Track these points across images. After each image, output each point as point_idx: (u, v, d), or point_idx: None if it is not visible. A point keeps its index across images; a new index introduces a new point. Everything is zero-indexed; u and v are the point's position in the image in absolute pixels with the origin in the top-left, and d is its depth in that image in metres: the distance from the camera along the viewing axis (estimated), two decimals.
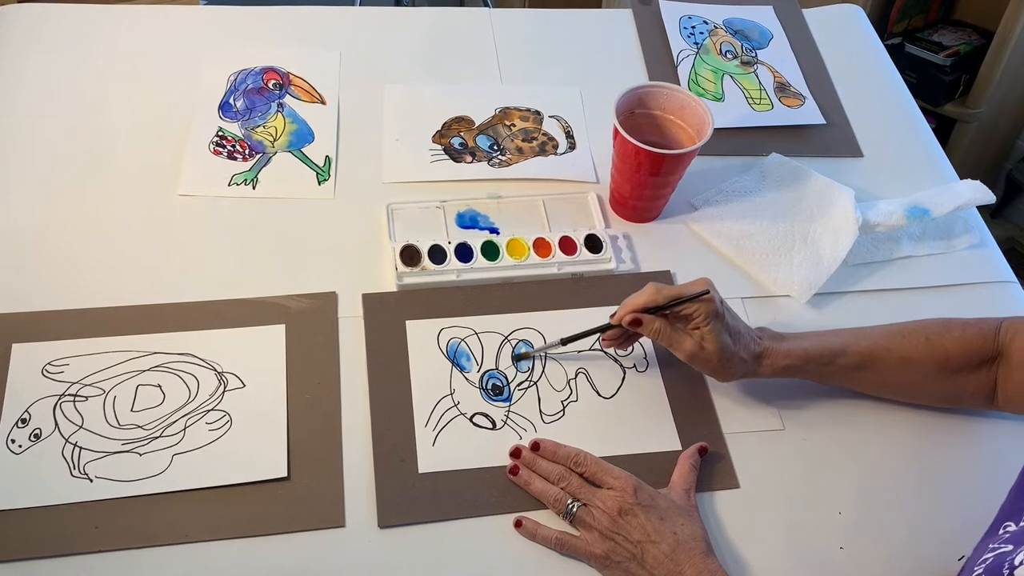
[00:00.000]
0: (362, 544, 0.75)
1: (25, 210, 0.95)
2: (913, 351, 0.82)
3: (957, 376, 0.82)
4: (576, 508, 0.76)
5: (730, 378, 0.82)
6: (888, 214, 0.99)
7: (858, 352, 0.82)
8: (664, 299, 0.79)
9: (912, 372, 0.82)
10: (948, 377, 0.82)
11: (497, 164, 1.05)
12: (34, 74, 1.08)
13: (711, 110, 0.94)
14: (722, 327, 0.79)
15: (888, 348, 0.82)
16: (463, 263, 0.92)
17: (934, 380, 0.82)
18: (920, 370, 0.82)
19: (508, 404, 0.85)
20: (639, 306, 0.80)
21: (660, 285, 0.80)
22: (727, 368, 0.80)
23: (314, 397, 0.83)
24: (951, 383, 0.82)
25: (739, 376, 0.82)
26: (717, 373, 0.81)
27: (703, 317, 0.78)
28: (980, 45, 2.06)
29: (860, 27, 1.29)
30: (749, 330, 0.82)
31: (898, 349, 0.82)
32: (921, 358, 0.81)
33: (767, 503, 0.80)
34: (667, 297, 0.79)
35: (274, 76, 1.11)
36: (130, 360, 0.84)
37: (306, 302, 0.89)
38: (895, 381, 0.84)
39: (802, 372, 0.83)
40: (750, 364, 0.81)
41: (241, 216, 0.97)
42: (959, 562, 0.78)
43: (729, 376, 0.82)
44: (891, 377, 0.83)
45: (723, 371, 0.81)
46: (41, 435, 0.78)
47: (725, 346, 0.79)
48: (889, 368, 0.82)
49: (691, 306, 0.79)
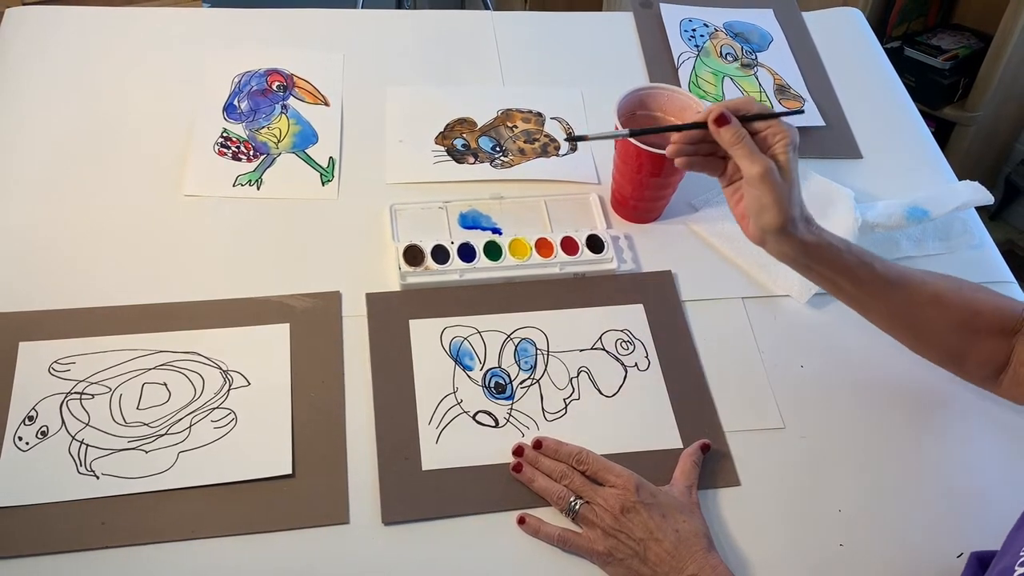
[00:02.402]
0: (366, 541, 0.76)
1: (33, 210, 0.96)
2: (947, 293, 0.79)
3: (976, 336, 0.79)
4: (579, 506, 0.76)
5: (784, 223, 0.74)
6: (887, 215, 0.99)
7: (896, 268, 0.80)
8: (757, 109, 0.76)
9: (938, 312, 0.79)
10: (968, 334, 0.80)
11: (499, 165, 1.06)
12: (39, 76, 1.09)
13: None
14: (796, 163, 0.75)
15: (924, 281, 0.80)
16: (466, 263, 0.93)
17: (954, 331, 0.80)
18: (945, 314, 0.79)
19: (511, 402, 0.85)
20: (730, 107, 0.76)
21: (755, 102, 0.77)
22: (788, 204, 0.74)
23: (318, 395, 0.84)
24: (967, 341, 0.80)
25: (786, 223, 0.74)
26: (778, 207, 0.74)
27: (786, 143, 0.75)
28: (979, 49, 2.07)
29: (859, 30, 1.30)
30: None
31: (934, 285, 0.80)
32: (952, 302, 0.79)
33: (767, 500, 0.81)
34: (761, 108, 0.76)
35: (278, 78, 1.12)
36: (136, 358, 0.84)
37: (310, 301, 0.90)
38: (918, 315, 0.80)
39: (839, 261, 0.77)
40: (800, 220, 0.75)
41: (245, 216, 0.98)
42: (958, 559, 0.78)
43: (785, 218, 0.74)
44: (917, 309, 0.80)
45: (785, 207, 0.74)
46: (48, 432, 0.79)
47: (795, 180, 0.75)
48: (919, 298, 0.79)
49: (778, 128, 0.75)
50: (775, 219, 0.74)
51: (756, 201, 0.75)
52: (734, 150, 0.75)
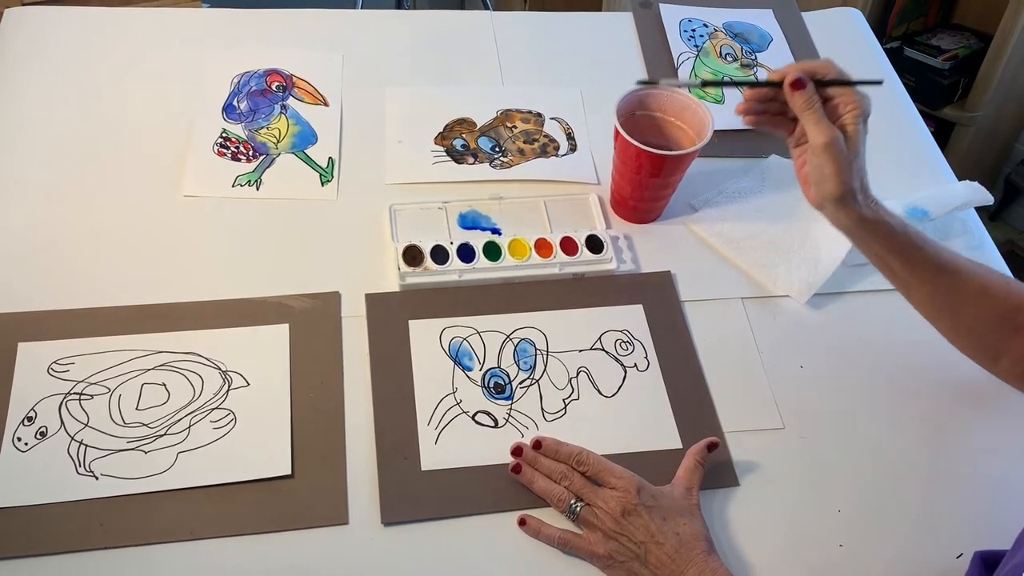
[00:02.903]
0: (365, 541, 0.76)
1: (31, 211, 0.96)
2: (994, 287, 0.78)
3: (1016, 333, 0.77)
4: (579, 508, 0.76)
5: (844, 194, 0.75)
6: None
7: (948, 256, 0.78)
8: (836, 73, 0.77)
9: (982, 305, 0.78)
10: (1008, 331, 0.78)
11: (499, 165, 1.06)
12: (38, 76, 1.09)
13: (711, 112, 0.94)
14: (864, 134, 0.76)
15: (975, 272, 0.78)
16: (465, 263, 0.93)
17: (995, 326, 0.78)
18: (990, 308, 0.78)
19: (510, 402, 0.85)
20: (808, 70, 0.77)
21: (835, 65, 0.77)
22: (849, 176, 0.75)
23: (317, 396, 0.84)
24: (1007, 337, 0.78)
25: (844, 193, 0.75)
26: (839, 178, 0.75)
27: (857, 113, 0.75)
28: (979, 49, 2.07)
29: (859, 30, 1.30)
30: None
31: (983, 278, 0.78)
32: (998, 297, 0.78)
33: (767, 501, 0.81)
34: (839, 72, 0.77)
35: (277, 78, 1.12)
36: (135, 359, 0.84)
37: (309, 302, 0.90)
38: (962, 306, 0.79)
39: (892, 240, 0.77)
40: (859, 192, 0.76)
41: (245, 217, 0.98)
42: (958, 559, 0.78)
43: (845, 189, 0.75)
44: (961, 299, 0.79)
45: (845, 179, 0.75)
46: (47, 433, 0.79)
47: (860, 152, 0.75)
48: (966, 289, 0.78)
49: (850, 97, 0.76)
50: (835, 189, 0.75)
51: (818, 170, 0.76)
52: (804, 115, 0.76)
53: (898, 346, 0.93)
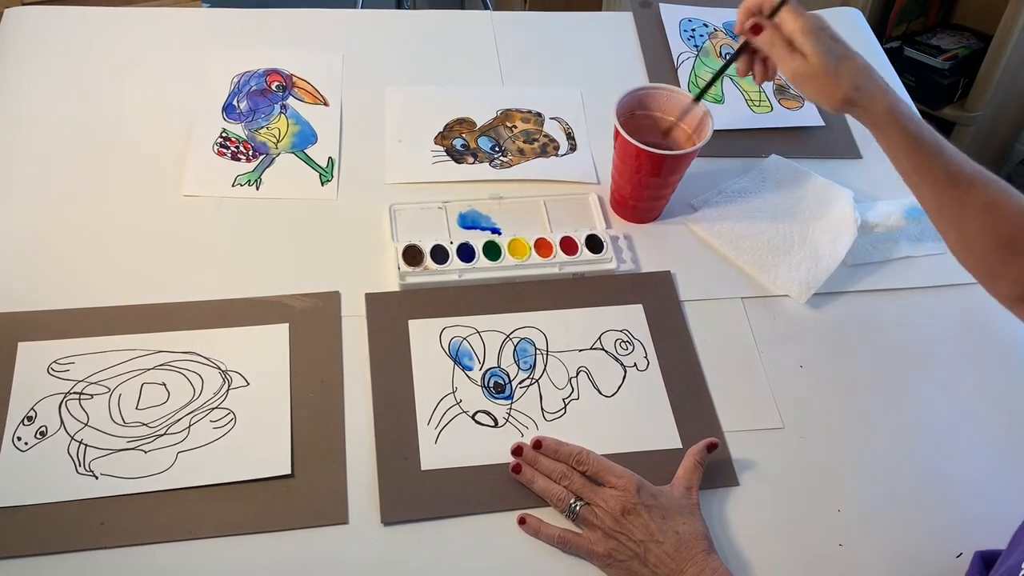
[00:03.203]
0: (365, 541, 0.76)
1: (31, 210, 0.96)
2: (1003, 204, 0.76)
3: (1017, 257, 0.75)
4: (579, 507, 0.76)
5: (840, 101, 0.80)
6: (887, 215, 0.99)
7: (959, 166, 0.77)
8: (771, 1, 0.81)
9: (987, 221, 0.76)
10: (1009, 254, 0.76)
11: (499, 165, 1.06)
12: (38, 76, 1.09)
13: (711, 112, 0.94)
14: (825, 38, 0.79)
15: (986, 186, 0.76)
16: (465, 263, 0.93)
17: (998, 245, 0.76)
18: (995, 226, 0.76)
19: (510, 402, 0.85)
20: (752, 6, 0.82)
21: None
22: (836, 83, 0.79)
23: (317, 395, 0.84)
24: (1008, 259, 0.76)
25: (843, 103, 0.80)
26: (827, 91, 0.80)
27: (799, 25, 0.79)
28: (979, 48, 2.07)
29: (859, 30, 1.30)
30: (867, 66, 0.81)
31: (994, 192, 0.76)
32: (1005, 215, 0.75)
33: (767, 501, 0.81)
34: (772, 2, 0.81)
35: (277, 78, 1.12)
36: (135, 358, 0.84)
37: (309, 301, 0.90)
38: (968, 219, 0.77)
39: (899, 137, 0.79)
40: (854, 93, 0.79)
41: (245, 217, 0.98)
42: (958, 559, 0.78)
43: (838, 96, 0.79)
44: (968, 212, 0.77)
45: (832, 87, 0.79)
46: (47, 432, 0.79)
47: (827, 61, 0.78)
48: (973, 202, 0.76)
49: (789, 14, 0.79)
50: (827, 107, 0.81)
51: (807, 96, 0.82)
52: (771, 53, 0.82)
53: (898, 346, 0.93)
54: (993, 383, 0.91)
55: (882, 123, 0.79)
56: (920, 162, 0.79)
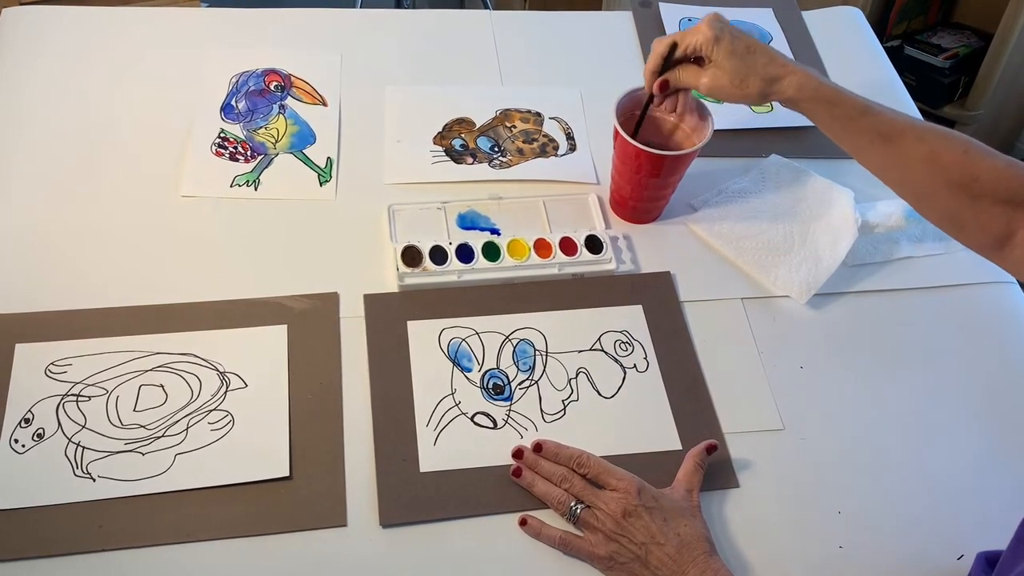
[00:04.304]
0: (364, 543, 0.76)
1: (28, 211, 0.95)
2: (944, 153, 0.77)
3: (975, 202, 0.76)
4: (579, 510, 0.76)
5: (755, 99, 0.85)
6: (887, 215, 0.99)
7: (890, 121, 0.80)
8: (664, 47, 0.87)
9: (931, 172, 0.77)
10: (966, 198, 0.76)
11: (498, 165, 1.05)
12: (36, 76, 1.08)
13: (711, 112, 0.94)
14: (729, 50, 0.83)
15: (922, 138, 0.78)
16: (464, 264, 0.93)
17: (950, 194, 0.77)
18: (941, 175, 0.77)
19: (509, 403, 0.85)
20: (654, 69, 0.89)
21: (660, 38, 0.88)
22: (745, 89, 0.84)
23: (316, 397, 0.83)
24: (966, 206, 0.76)
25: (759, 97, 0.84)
26: (739, 97, 0.85)
27: (707, 47, 0.84)
28: (979, 47, 2.07)
29: (859, 29, 1.30)
30: (770, 53, 0.84)
31: (932, 143, 0.77)
32: (948, 164, 0.76)
33: (767, 502, 0.81)
34: (666, 45, 0.87)
35: (276, 78, 1.11)
36: (133, 360, 0.84)
37: (308, 302, 0.90)
38: (911, 172, 0.79)
39: (815, 112, 0.84)
40: (766, 86, 0.84)
41: (243, 217, 0.97)
42: (958, 561, 0.78)
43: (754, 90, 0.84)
44: (909, 165, 0.79)
45: (743, 93, 0.84)
46: (44, 435, 0.79)
47: (735, 69, 0.83)
48: (912, 154, 0.78)
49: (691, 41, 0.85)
50: (748, 102, 0.86)
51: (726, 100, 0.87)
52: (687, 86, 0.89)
53: (898, 346, 0.93)
54: (993, 383, 0.91)
55: (801, 97, 0.83)
56: (847, 124, 0.82)
